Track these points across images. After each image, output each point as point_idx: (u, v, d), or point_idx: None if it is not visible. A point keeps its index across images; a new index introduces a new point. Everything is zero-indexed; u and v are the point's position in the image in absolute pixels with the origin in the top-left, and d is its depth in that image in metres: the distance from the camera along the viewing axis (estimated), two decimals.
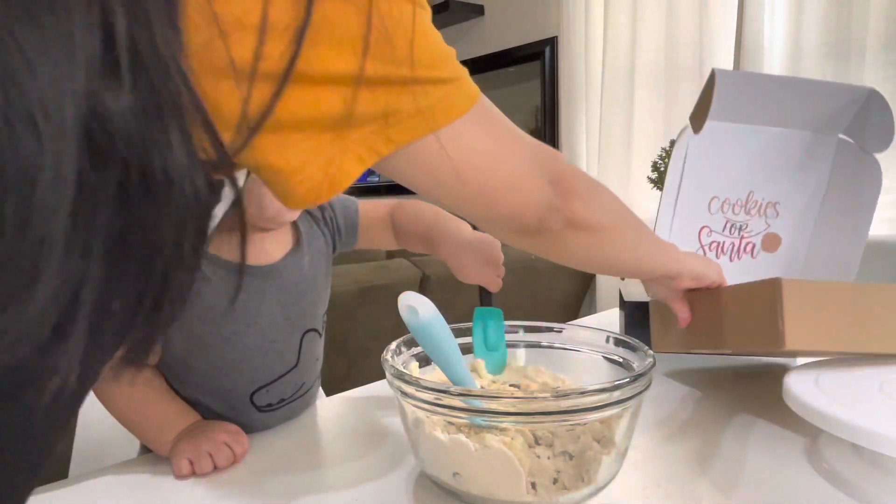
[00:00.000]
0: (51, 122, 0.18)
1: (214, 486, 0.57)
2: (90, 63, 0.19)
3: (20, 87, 0.18)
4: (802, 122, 0.85)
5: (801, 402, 0.56)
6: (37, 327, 0.20)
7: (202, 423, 0.65)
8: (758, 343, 0.64)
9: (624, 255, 0.58)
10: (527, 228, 0.48)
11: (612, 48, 2.45)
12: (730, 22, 2.11)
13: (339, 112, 0.32)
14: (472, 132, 0.39)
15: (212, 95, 0.26)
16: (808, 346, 0.61)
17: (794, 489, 0.53)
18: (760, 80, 0.87)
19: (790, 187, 0.89)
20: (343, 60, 0.31)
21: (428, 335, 0.54)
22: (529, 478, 0.48)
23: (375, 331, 1.94)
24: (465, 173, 0.40)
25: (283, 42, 0.28)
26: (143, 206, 0.21)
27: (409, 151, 0.36)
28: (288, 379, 0.70)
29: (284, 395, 0.71)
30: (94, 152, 0.20)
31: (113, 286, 0.22)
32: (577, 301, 2.53)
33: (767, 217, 0.89)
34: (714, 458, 0.59)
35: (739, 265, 0.90)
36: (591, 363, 0.65)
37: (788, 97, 0.84)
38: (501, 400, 0.48)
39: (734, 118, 0.84)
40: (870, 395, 0.57)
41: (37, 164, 0.18)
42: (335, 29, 0.30)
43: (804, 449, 0.60)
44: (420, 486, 0.56)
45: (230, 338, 0.65)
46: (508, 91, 3.14)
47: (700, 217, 0.88)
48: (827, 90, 0.84)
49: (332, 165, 0.33)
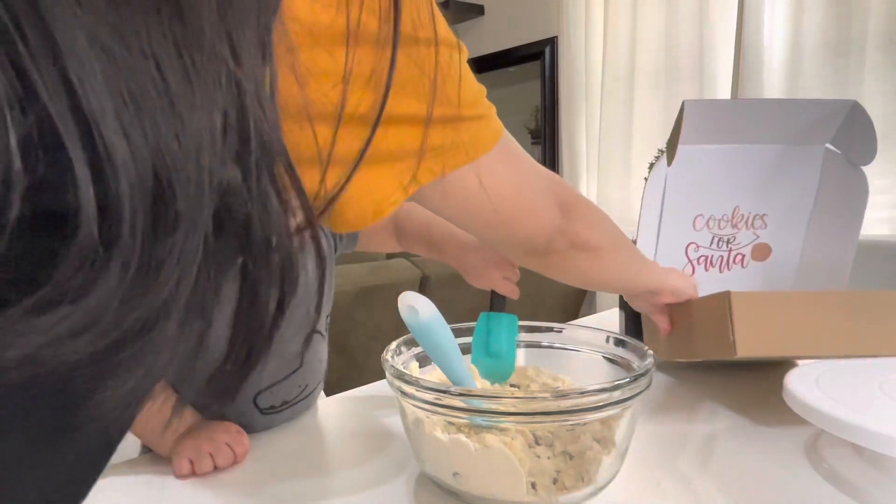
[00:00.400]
0: (191, 192, 0.20)
1: (215, 486, 0.57)
2: (226, 133, 0.21)
3: (170, 154, 0.19)
4: (785, 137, 0.87)
5: (802, 401, 0.56)
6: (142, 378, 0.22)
7: (203, 423, 0.65)
8: (718, 352, 0.68)
9: (616, 274, 0.64)
10: (537, 249, 0.52)
11: (612, 48, 2.45)
12: (730, 22, 2.11)
13: (395, 148, 0.35)
14: (499, 164, 0.43)
15: (292, 141, 0.29)
16: (760, 354, 0.65)
17: (795, 489, 0.53)
18: (738, 106, 0.89)
19: (778, 199, 0.90)
20: (412, 105, 0.35)
21: (428, 335, 0.54)
22: (529, 478, 0.48)
23: (375, 331, 1.95)
24: (492, 202, 0.44)
25: (369, 91, 0.32)
26: (251, 270, 0.24)
27: (444, 182, 0.40)
28: (292, 381, 0.70)
29: (288, 397, 0.71)
30: (222, 220, 0.22)
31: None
32: (577, 301, 2.53)
33: (755, 229, 0.90)
34: (714, 458, 0.60)
35: (729, 276, 0.91)
36: (591, 363, 0.65)
37: (771, 117, 0.85)
38: (501, 400, 0.48)
39: (712, 140, 0.86)
40: (870, 394, 0.57)
41: (173, 230, 0.20)
42: (407, 80, 0.34)
43: (804, 449, 0.61)
44: (420, 486, 0.56)
45: None
46: (508, 91, 3.14)
47: (686, 234, 0.90)
48: (808, 107, 0.86)
49: (381, 194, 0.37)
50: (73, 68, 0.17)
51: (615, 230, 0.59)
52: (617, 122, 2.42)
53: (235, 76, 0.21)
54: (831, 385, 0.60)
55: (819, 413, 0.54)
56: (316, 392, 0.77)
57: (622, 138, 2.38)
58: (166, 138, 0.19)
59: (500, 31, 3.08)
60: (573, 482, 0.49)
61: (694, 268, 0.90)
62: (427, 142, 0.36)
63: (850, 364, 0.66)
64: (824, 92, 1.85)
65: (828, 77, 1.89)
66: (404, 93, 0.34)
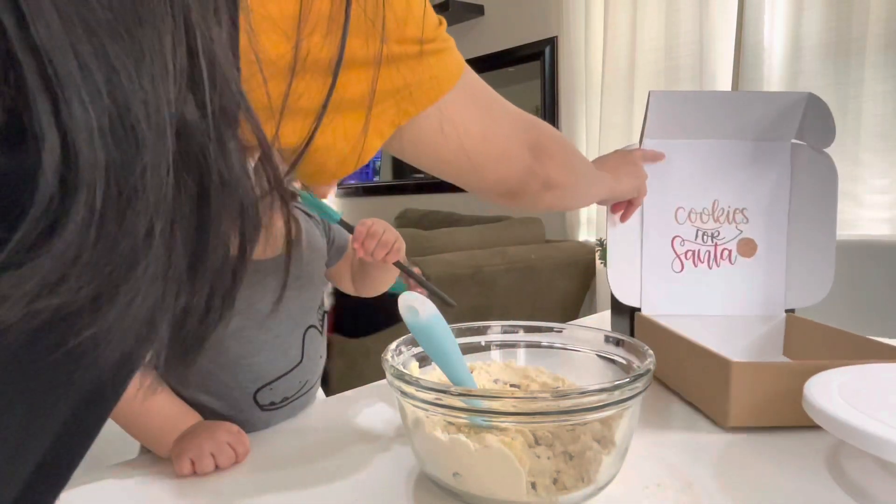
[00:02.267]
0: (152, 127, 0.20)
1: (215, 486, 0.57)
2: (180, 74, 0.21)
3: (124, 94, 0.19)
4: (752, 133, 0.90)
5: (821, 410, 0.53)
6: (133, 321, 0.21)
7: (203, 423, 0.65)
8: (708, 409, 0.70)
9: (581, 200, 0.72)
10: (510, 191, 0.54)
11: (612, 48, 2.45)
12: (730, 22, 2.11)
13: (364, 92, 0.36)
14: (467, 109, 0.44)
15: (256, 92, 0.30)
16: (750, 423, 0.66)
17: (804, 494, 0.52)
18: (700, 98, 0.90)
19: (754, 193, 0.92)
20: (367, 46, 0.35)
21: (428, 335, 0.54)
22: (529, 478, 0.48)
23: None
24: (464, 149, 0.45)
25: (325, 37, 0.33)
26: (207, 208, 0.23)
27: (416, 128, 0.40)
28: (292, 376, 0.71)
29: (288, 393, 0.71)
30: (181, 156, 0.21)
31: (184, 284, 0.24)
32: (577, 301, 2.53)
33: (738, 223, 0.92)
34: (717, 461, 0.59)
35: (720, 272, 0.92)
36: (590, 363, 0.65)
37: (732, 111, 0.88)
38: (501, 400, 0.48)
39: (680, 134, 0.90)
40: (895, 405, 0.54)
41: (137, 165, 0.20)
42: (360, 19, 0.34)
43: (824, 461, 0.58)
44: (420, 486, 0.56)
45: (234, 332, 0.66)
46: (508, 91, 3.14)
47: (669, 227, 0.92)
48: (767, 99, 0.89)
49: (358, 140, 0.37)
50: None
51: (582, 163, 0.62)
52: (617, 122, 2.42)
53: (189, 18, 0.21)
54: (854, 393, 0.56)
55: (840, 423, 0.50)
56: (314, 389, 0.77)
57: (622, 138, 2.38)
58: (124, 70, 0.19)
59: (500, 31, 3.08)
60: (573, 482, 0.49)
61: (683, 263, 0.91)
62: (393, 81, 0.37)
63: (875, 371, 0.63)
64: (825, 92, 1.85)
65: (828, 77, 1.89)
66: (360, 33, 0.34)
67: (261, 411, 0.70)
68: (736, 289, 0.92)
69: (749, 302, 0.92)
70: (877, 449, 0.48)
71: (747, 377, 0.65)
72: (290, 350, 0.70)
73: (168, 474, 0.60)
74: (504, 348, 0.69)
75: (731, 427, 0.65)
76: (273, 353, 0.69)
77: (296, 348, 0.71)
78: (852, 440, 0.50)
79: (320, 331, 0.75)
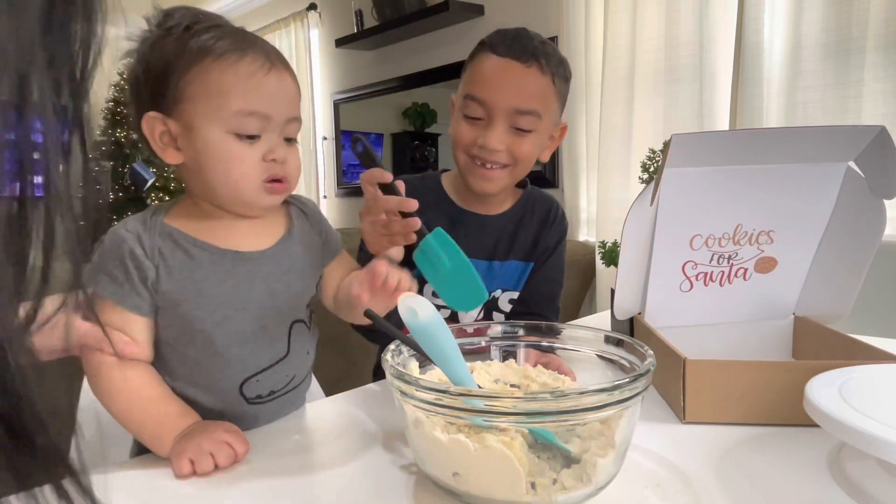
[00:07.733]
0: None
1: (215, 486, 0.58)
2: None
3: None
4: (803, 158, 0.82)
5: (823, 411, 0.53)
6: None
7: (202, 423, 0.65)
8: (672, 404, 0.71)
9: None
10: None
11: (612, 48, 2.44)
12: (730, 22, 2.11)
13: None
14: None
15: None
16: (707, 419, 0.67)
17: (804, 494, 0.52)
18: (744, 136, 0.85)
19: (788, 216, 0.86)
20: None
21: (428, 335, 0.54)
22: (529, 478, 0.48)
23: None
24: None
25: None
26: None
27: None
28: (278, 369, 0.71)
29: (275, 387, 0.72)
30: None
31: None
32: (577, 301, 2.53)
33: (760, 244, 0.88)
34: (718, 461, 0.59)
35: (730, 289, 0.90)
36: (590, 363, 0.65)
37: (782, 144, 0.81)
38: (501, 400, 0.48)
39: (704, 162, 0.81)
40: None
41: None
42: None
43: (826, 462, 0.57)
44: (420, 486, 0.56)
45: (221, 322, 0.67)
46: None
47: (682, 254, 0.87)
48: (832, 133, 0.81)
49: None
50: None
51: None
52: (617, 122, 2.42)
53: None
54: (856, 394, 0.56)
55: (842, 425, 0.50)
56: (304, 385, 0.78)
57: (622, 138, 2.38)
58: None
59: None
60: (573, 482, 0.49)
61: (692, 284, 0.89)
62: None
63: (878, 371, 0.63)
64: (824, 92, 1.85)
65: (828, 77, 1.88)
66: None
67: (248, 405, 0.70)
68: (745, 299, 0.91)
69: (759, 307, 0.91)
70: (879, 451, 0.48)
71: (702, 374, 0.67)
72: (275, 343, 0.71)
73: (168, 474, 0.60)
74: (504, 348, 0.69)
75: (688, 422, 0.67)
76: (258, 343, 0.69)
77: (281, 341, 0.71)
78: (852, 441, 0.50)
79: (308, 326, 0.75)
